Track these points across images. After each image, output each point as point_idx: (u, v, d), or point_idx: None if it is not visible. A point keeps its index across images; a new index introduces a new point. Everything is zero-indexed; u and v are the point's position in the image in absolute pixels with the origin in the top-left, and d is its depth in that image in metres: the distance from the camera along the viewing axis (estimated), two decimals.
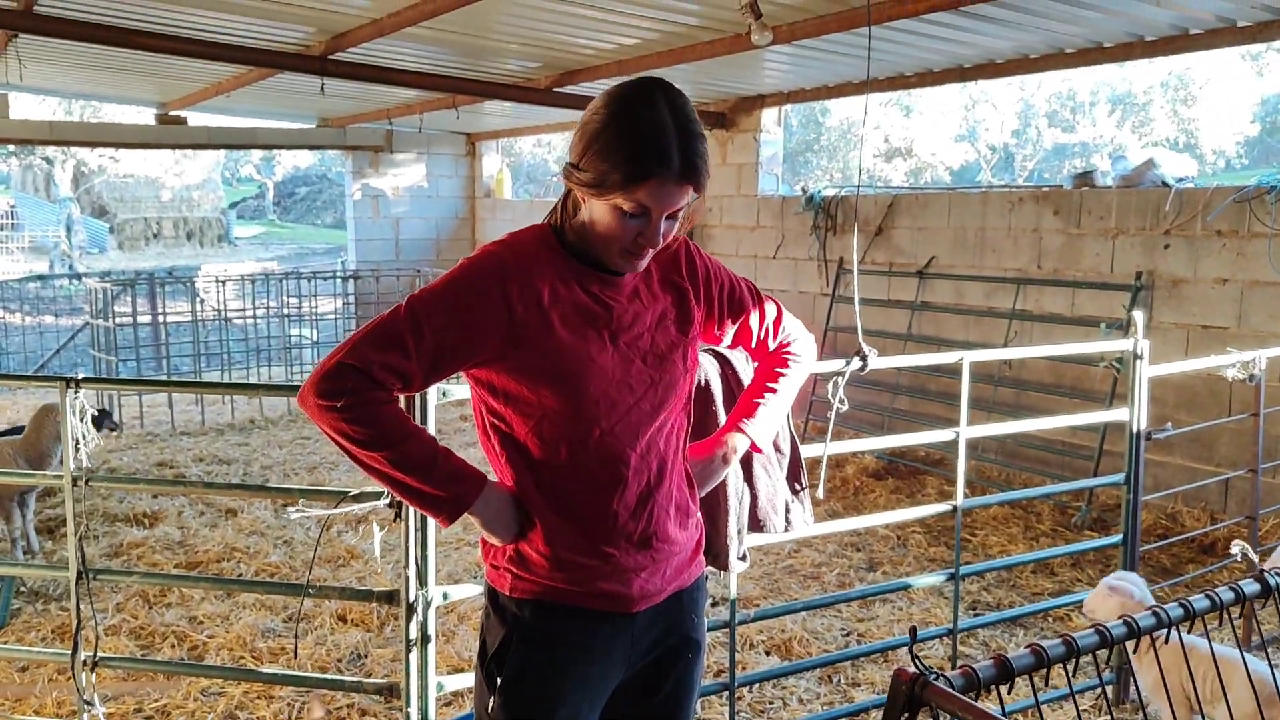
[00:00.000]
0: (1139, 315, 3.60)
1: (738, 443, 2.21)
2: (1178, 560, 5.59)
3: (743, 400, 2.30)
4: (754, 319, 2.17)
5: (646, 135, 1.70)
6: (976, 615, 4.72)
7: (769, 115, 9.32)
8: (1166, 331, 6.30)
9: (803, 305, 8.96)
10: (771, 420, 2.27)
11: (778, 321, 2.22)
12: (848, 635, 4.69)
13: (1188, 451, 6.22)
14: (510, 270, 1.81)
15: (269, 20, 6.62)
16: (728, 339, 2.17)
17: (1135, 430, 3.65)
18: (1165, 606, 1.81)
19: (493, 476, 1.92)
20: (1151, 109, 25.46)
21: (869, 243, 8.21)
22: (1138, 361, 3.61)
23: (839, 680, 4.22)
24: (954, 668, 1.57)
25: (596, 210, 1.78)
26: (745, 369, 2.78)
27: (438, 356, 1.78)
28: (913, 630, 1.73)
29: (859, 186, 3.80)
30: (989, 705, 1.37)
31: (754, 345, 2.24)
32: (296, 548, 5.78)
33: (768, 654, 4.48)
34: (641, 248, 1.80)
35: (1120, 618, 1.85)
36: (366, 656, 4.41)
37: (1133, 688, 3.80)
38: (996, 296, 7.33)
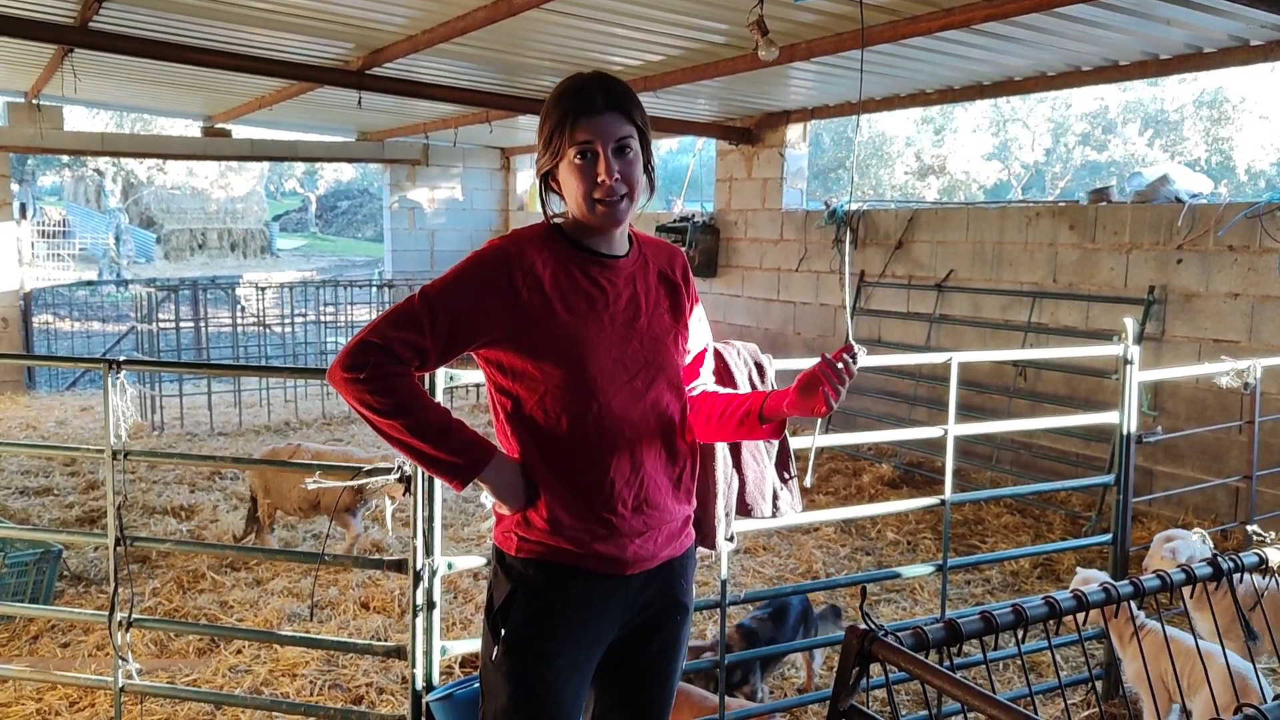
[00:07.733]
0: (1130, 322, 3.73)
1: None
2: None
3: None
4: (708, 355, 2.34)
5: (568, 89, 1.99)
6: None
7: (794, 130, 9.49)
8: (1179, 345, 6.38)
9: (824, 317, 9.11)
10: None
11: (708, 371, 2.35)
12: None
13: (1198, 463, 6.29)
14: (514, 259, 2.00)
15: (311, 36, 6.92)
16: (685, 359, 2.28)
17: (1125, 432, 3.77)
18: (1119, 584, 1.95)
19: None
20: (1184, 128, 25.22)
21: (889, 256, 8.35)
22: (1128, 366, 3.73)
23: None
24: None
25: (563, 179, 2.01)
26: (736, 364, 2.97)
27: (451, 336, 1.97)
28: (863, 588, 1.90)
29: (849, 199, 3.95)
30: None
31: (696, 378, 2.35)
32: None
33: None
34: (606, 188, 1.97)
35: (1072, 592, 2.00)
36: (386, 640, 4.62)
37: (1122, 683, 3.91)
38: (1013, 310, 7.44)
